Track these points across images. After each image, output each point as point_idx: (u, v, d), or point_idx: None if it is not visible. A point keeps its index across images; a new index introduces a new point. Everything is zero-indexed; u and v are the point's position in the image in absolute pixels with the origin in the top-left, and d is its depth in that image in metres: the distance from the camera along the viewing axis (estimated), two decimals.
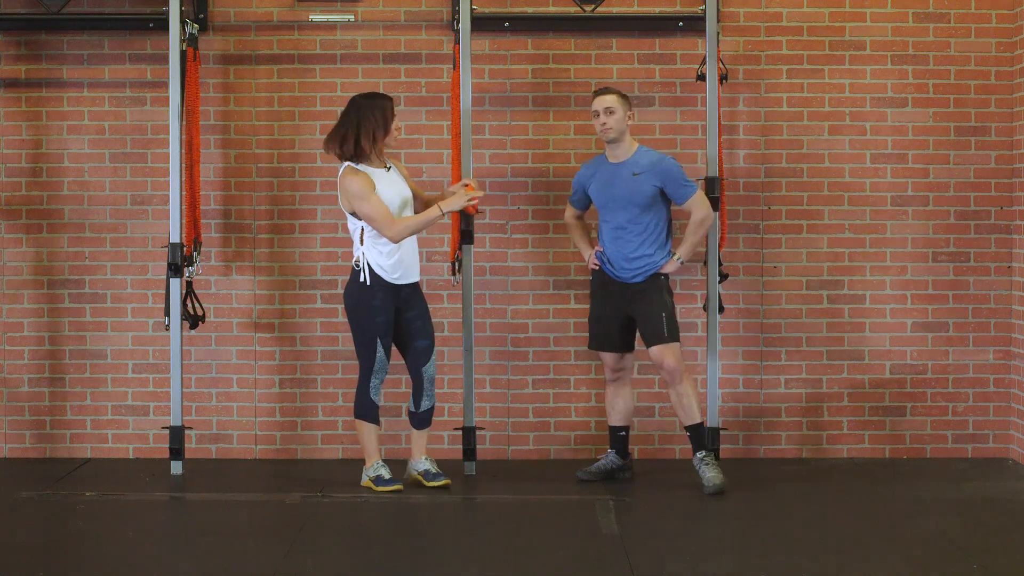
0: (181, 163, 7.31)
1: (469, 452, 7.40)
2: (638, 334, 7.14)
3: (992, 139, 7.77)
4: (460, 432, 7.44)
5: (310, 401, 7.82)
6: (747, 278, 7.79)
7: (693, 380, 7.12)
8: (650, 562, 5.77)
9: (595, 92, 7.15)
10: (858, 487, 7.17)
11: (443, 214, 6.87)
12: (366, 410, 6.96)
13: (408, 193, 7.00)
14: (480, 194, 7.00)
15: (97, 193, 7.81)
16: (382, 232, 6.81)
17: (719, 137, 7.37)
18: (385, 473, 6.94)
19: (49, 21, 7.72)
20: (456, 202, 6.90)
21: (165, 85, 7.43)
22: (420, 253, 7.18)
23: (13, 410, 7.83)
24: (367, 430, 6.99)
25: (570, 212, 7.37)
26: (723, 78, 7.50)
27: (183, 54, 7.35)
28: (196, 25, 7.55)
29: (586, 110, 7.72)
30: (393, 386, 7.60)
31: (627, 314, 7.11)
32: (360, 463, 7.16)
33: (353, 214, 6.89)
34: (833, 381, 7.81)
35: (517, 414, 7.80)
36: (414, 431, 7.12)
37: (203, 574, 5.75)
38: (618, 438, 7.26)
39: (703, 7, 7.41)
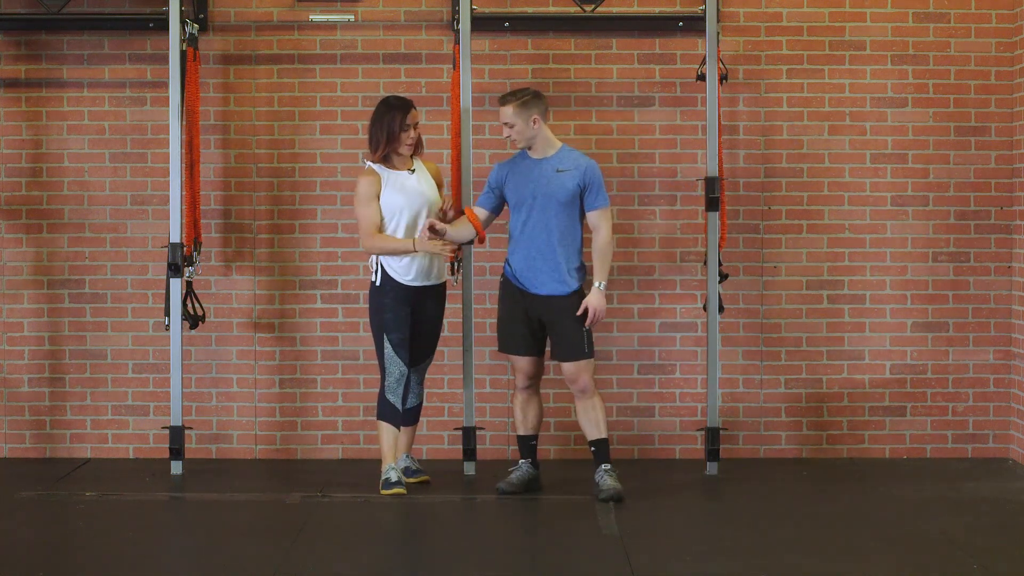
0: (181, 163, 7.30)
1: (469, 452, 7.39)
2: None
3: (992, 139, 7.77)
4: (460, 432, 7.43)
5: (310, 401, 7.82)
6: (747, 278, 7.78)
7: (601, 395, 7.00)
8: (650, 562, 5.76)
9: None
10: (858, 487, 7.16)
11: (415, 251, 6.81)
12: (381, 410, 6.91)
13: (427, 197, 6.93)
14: (448, 251, 6.86)
15: (97, 193, 7.81)
16: (360, 239, 6.83)
17: (719, 137, 7.36)
18: (393, 476, 6.89)
19: (49, 21, 7.71)
20: (431, 247, 6.81)
21: (165, 85, 7.42)
22: None
23: (13, 410, 7.83)
24: (381, 431, 6.92)
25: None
26: (723, 78, 7.49)
27: (183, 54, 7.34)
28: (196, 25, 7.55)
29: (587, 110, 7.73)
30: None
31: (539, 316, 6.90)
32: (360, 464, 7.15)
33: None
34: (833, 381, 7.81)
35: None
36: (400, 427, 7.07)
37: (203, 574, 5.75)
38: (530, 447, 7.07)
39: (703, 7, 7.40)
